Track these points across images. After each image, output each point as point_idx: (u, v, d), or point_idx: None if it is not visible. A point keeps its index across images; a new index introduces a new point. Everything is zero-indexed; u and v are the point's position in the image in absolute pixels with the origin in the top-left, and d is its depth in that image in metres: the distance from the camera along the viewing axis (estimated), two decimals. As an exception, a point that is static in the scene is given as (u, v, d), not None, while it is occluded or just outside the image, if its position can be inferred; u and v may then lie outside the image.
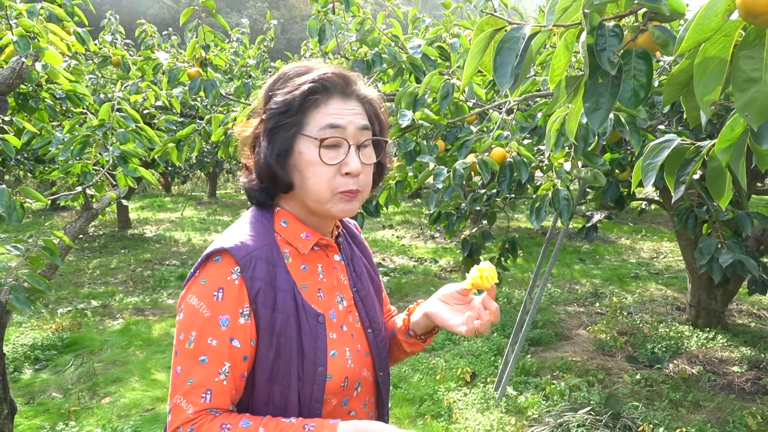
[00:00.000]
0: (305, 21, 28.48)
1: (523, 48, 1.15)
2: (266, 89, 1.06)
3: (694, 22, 0.84)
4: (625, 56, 1.13)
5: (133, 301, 5.95)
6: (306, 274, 1.06)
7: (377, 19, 3.99)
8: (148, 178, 2.51)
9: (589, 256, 7.87)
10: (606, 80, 1.12)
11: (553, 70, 1.18)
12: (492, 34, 1.20)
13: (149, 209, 13.46)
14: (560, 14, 1.13)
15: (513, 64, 1.14)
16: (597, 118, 1.13)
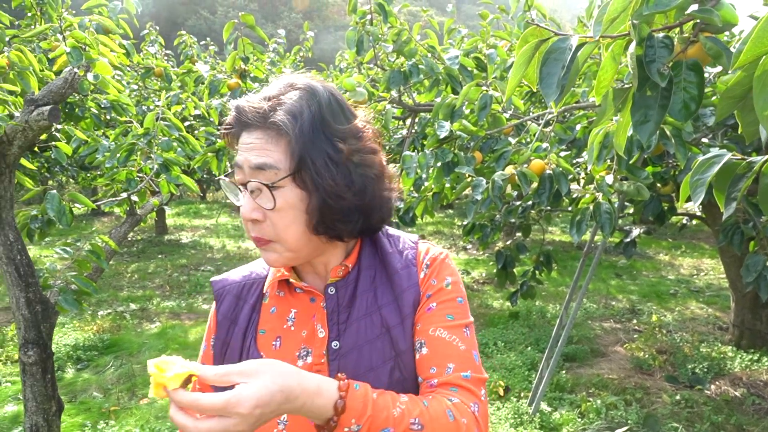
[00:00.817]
0: (338, 32, 28.73)
1: (570, 59, 1.14)
2: None
3: (754, 34, 0.83)
4: (675, 68, 1.11)
5: (169, 305, 6.06)
6: (272, 317, 0.98)
7: (413, 30, 4.01)
8: (190, 185, 2.56)
9: (626, 271, 7.72)
10: (655, 92, 1.11)
11: (599, 82, 1.18)
12: (537, 45, 1.20)
13: (185, 216, 13.71)
14: (607, 25, 1.13)
15: (559, 76, 1.14)
16: (646, 131, 1.12)
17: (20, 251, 2.00)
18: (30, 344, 2.02)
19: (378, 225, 0.98)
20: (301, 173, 0.86)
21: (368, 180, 0.91)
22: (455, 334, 0.91)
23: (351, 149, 0.89)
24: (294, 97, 0.87)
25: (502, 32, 3.79)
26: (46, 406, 2.08)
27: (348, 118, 0.92)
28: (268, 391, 0.70)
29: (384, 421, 0.77)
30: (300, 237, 0.89)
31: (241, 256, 8.79)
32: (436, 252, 1.00)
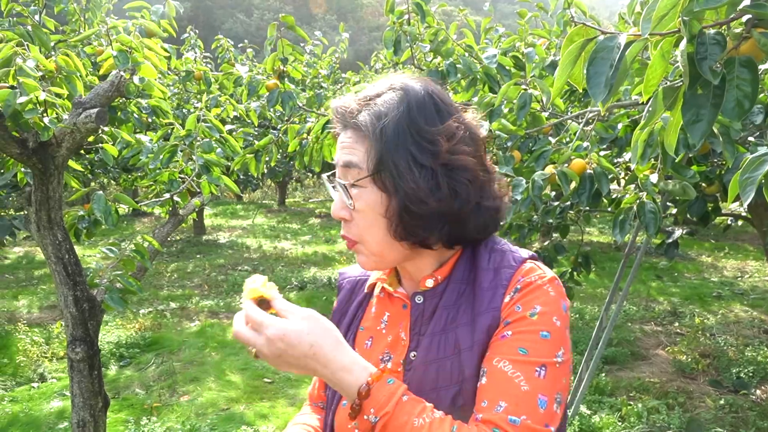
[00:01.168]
0: (373, 32, 28.85)
1: (618, 58, 1.12)
2: None
3: (811, 29, 0.80)
4: (728, 65, 1.09)
5: (208, 305, 6.16)
6: (372, 317, 1.00)
7: (450, 30, 3.99)
8: (231, 186, 2.60)
9: (667, 273, 7.56)
10: (707, 90, 1.08)
11: (648, 81, 1.15)
12: (583, 44, 1.18)
13: (222, 216, 13.92)
14: (657, 22, 1.10)
15: (607, 75, 1.12)
16: (698, 130, 1.09)
17: (68, 250, 2.06)
18: (77, 341, 2.07)
19: (476, 235, 0.91)
20: (381, 174, 0.84)
21: (460, 185, 0.85)
22: (521, 371, 0.80)
23: (440, 151, 0.84)
24: (386, 98, 0.87)
25: (540, 30, 3.75)
26: (92, 402, 2.13)
27: (444, 119, 0.87)
28: (298, 336, 0.77)
29: (401, 425, 0.76)
30: (381, 240, 0.88)
31: (278, 256, 8.89)
32: (535, 276, 0.87)
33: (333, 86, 7.02)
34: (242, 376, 4.31)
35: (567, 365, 0.83)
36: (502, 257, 0.91)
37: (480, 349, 0.84)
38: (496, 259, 0.90)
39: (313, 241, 10.41)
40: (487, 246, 0.93)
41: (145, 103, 3.10)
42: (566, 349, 0.83)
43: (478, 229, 0.90)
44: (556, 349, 0.81)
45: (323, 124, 3.23)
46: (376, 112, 0.85)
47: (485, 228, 0.91)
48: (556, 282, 0.87)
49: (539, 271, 0.89)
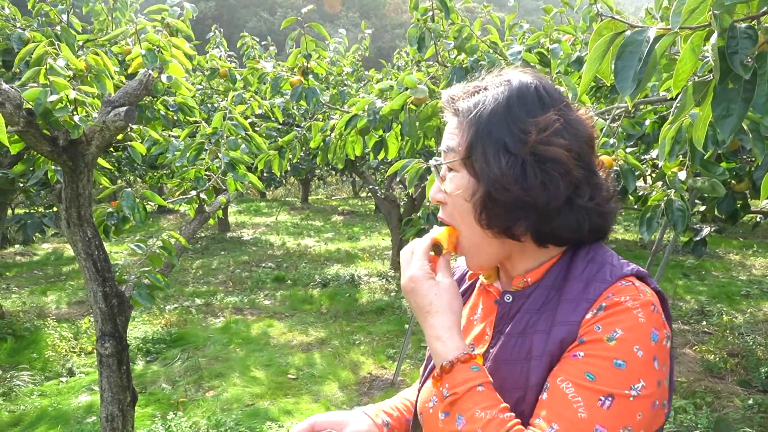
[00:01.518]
0: (396, 30, 28.78)
1: (648, 52, 1.11)
2: None
3: None
4: (759, 59, 1.07)
5: (232, 301, 6.23)
6: (470, 306, 1.03)
7: (474, 26, 3.96)
8: (256, 183, 2.63)
9: (694, 271, 7.44)
10: (737, 85, 1.06)
11: (678, 75, 1.14)
12: (612, 38, 1.17)
13: (246, 213, 14.05)
14: (687, 16, 1.09)
15: (636, 69, 1.11)
16: (728, 125, 1.08)
17: (98, 247, 2.10)
18: (106, 336, 2.11)
19: (568, 234, 0.87)
20: (471, 159, 0.86)
21: (549, 177, 0.83)
22: (582, 397, 0.75)
23: (533, 140, 0.83)
24: (491, 88, 0.89)
25: (566, 26, 3.72)
26: (121, 396, 2.17)
27: (546, 111, 0.86)
28: (427, 290, 0.87)
29: (465, 410, 0.79)
30: (471, 228, 0.89)
31: (300, 253, 8.95)
32: (627, 297, 0.79)
33: (356, 84, 7.04)
34: (266, 372, 4.35)
35: (647, 400, 0.75)
36: (599, 270, 0.85)
37: (549, 361, 0.81)
38: (590, 270, 0.85)
39: (335, 238, 10.45)
40: (588, 254, 0.88)
41: (171, 101, 3.14)
42: (650, 383, 0.75)
43: (568, 228, 0.86)
44: (632, 381, 0.75)
45: (346, 121, 3.24)
46: (476, 100, 0.88)
47: (579, 228, 0.86)
48: (651, 308, 0.79)
49: (635, 293, 0.80)
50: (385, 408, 1.09)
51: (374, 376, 4.29)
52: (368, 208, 15.38)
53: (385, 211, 7.55)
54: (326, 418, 1.02)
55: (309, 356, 4.67)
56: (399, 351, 4.45)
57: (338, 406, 3.81)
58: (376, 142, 3.48)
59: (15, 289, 6.81)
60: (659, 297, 0.83)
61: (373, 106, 3.15)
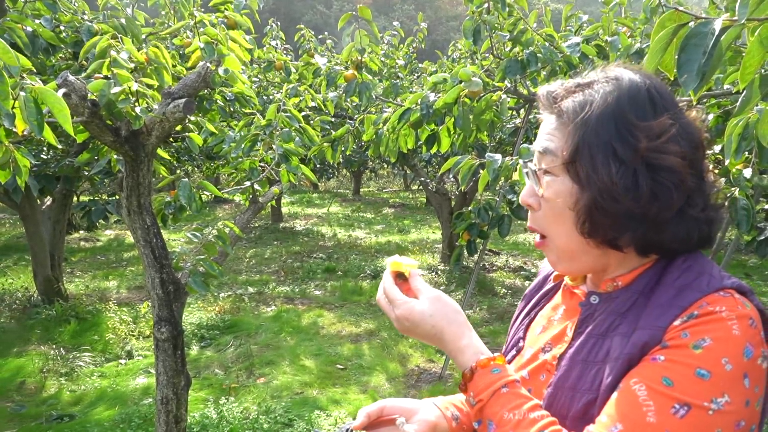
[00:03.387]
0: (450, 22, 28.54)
1: (713, 44, 1.06)
2: None
3: None
4: (835, 51, 1.01)
5: (284, 290, 6.34)
6: (551, 306, 0.98)
7: (530, 18, 3.88)
8: (309, 175, 2.66)
9: (757, 271, 7.13)
10: (811, 78, 1.01)
11: (745, 68, 1.09)
12: (675, 30, 1.12)
13: (299, 204, 14.25)
14: (755, 7, 1.04)
15: (700, 62, 1.06)
16: (798, 119, 1.03)
17: (156, 235, 2.17)
18: (163, 321, 2.18)
19: (675, 245, 0.81)
20: (575, 164, 0.80)
21: (662, 187, 0.77)
22: (655, 402, 0.71)
23: (643, 148, 0.77)
24: (597, 87, 0.83)
25: (624, 18, 3.61)
26: (175, 380, 2.24)
27: (658, 114, 0.80)
28: (422, 317, 0.86)
29: (493, 414, 0.79)
30: (569, 236, 0.83)
31: (351, 245, 9.02)
32: (723, 308, 0.73)
33: (409, 76, 7.02)
34: (316, 361, 4.42)
35: (730, 417, 0.69)
36: (695, 278, 0.78)
37: (626, 364, 0.76)
38: (686, 279, 0.79)
39: (386, 230, 10.48)
40: (685, 262, 0.82)
41: (228, 92, 3.21)
42: (735, 400, 0.69)
43: (678, 239, 0.80)
44: (714, 394, 0.69)
45: (399, 115, 3.24)
46: (582, 100, 0.82)
47: (688, 239, 0.81)
48: (749, 321, 0.73)
49: (734, 303, 0.74)
50: (455, 402, 1.06)
51: (422, 369, 4.30)
52: (419, 201, 15.36)
53: (436, 205, 7.52)
54: (396, 403, 1.01)
55: (358, 347, 4.72)
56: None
57: (385, 398, 3.83)
58: (429, 135, 3.47)
59: (79, 274, 7.12)
60: (762, 316, 0.76)
61: (426, 99, 3.13)
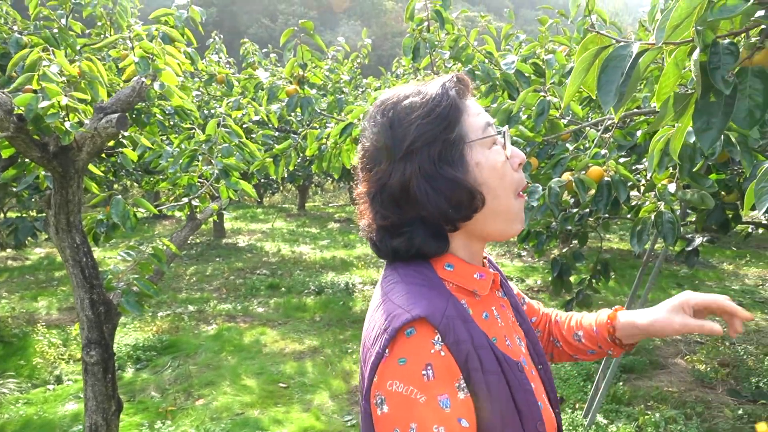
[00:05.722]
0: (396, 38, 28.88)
1: (630, 66, 1.12)
2: (386, 131, 0.88)
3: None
4: (741, 75, 1.08)
5: (225, 308, 6.21)
6: (489, 323, 0.90)
7: (470, 36, 3.98)
8: (249, 191, 2.63)
9: (688, 281, 7.44)
10: (719, 99, 1.08)
11: (661, 88, 1.15)
12: (597, 52, 1.18)
13: (242, 220, 14.03)
14: (671, 31, 1.10)
15: (618, 83, 1.12)
16: (708, 138, 1.09)
17: (86, 254, 2.10)
18: (92, 344, 2.11)
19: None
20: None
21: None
22: None
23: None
24: None
25: (561, 37, 3.75)
26: (105, 405, 2.16)
27: None
28: None
29: None
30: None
31: (296, 260, 8.93)
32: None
33: (354, 91, 7.06)
34: (258, 380, 4.34)
35: None
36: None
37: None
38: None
39: (331, 245, 10.44)
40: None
41: (168, 106, 3.15)
42: None
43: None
44: None
45: (341, 129, 3.25)
46: None
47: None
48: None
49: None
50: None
51: (366, 385, 4.28)
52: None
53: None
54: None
55: (301, 365, 4.66)
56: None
57: (329, 416, 3.80)
58: (371, 150, 3.48)
59: (5, 294, 6.77)
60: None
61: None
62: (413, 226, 0.87)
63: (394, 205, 0.87)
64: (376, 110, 0.92)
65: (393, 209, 0.87)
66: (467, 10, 3.96)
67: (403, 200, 0.86)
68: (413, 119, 0.86)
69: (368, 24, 38.47)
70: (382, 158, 0.87)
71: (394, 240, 0.89)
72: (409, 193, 0.85)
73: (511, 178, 0.91)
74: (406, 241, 0.87)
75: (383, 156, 0.87)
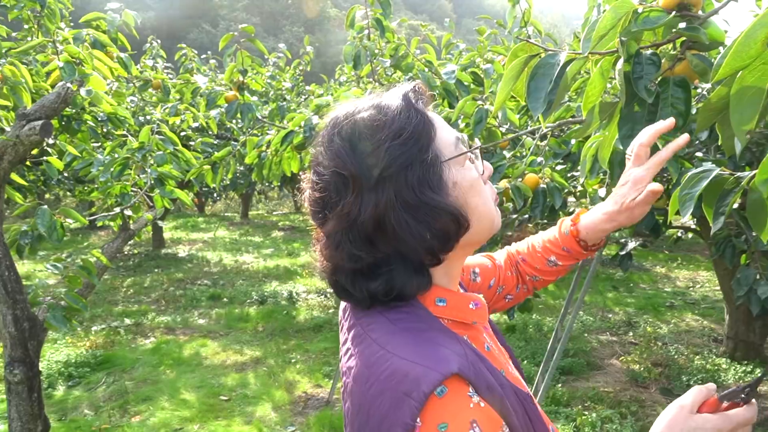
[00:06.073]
0: (340, 45, 28.91)
1: (558, 74, 1.14)
2: (348, 157, 0.75)
3: (733, 48, 0.83)
4: (663, 84, 1.12)
5: (164, 320, 6.02)
6: (493, 355, 0.83)
7: (411, 45, 4.01)
8: (184, 200, 2.56)
9: (623, 283, 7.71)
10: (643, 108, 1.11)
11: (587, 97, 1.18)
12: (526, 60, 1.20)
13: (183, 229, 13.68)
14: (596, 42, 1.13)
15: (546, 90, 1.14)
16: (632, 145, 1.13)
17: (8, 267, 1.99)
18: (16, 362, 2.00)
19: None
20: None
21: None
22: None
23: None
24: None
25: (499, 47, 3.82)
26: (31, 426, 2.05)
27: None
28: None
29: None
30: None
31: (238, 270, 8.77)
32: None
33: (297, 98, 7.01)
34: (198, 394, 4.22)
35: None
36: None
37: None
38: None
39: (275, 254, 10.30)
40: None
41: (101, 113, 3.03)
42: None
43: None
44: None
45: (282, 137, 3.21)
46: None
47: None
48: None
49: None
50: None
51: (309, 395, 4.23)
52: (309, 223, 15.21)
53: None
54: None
55: (243, 376, 4.56)
56: (336, 368, 4.40)
57: (271, 428, 3.72)
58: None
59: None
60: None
61: (309, 122, 3.13)
62: (391, 264, 0.76)
63: (366, 243, 0.75)
64: (330, 132, 0.79)
65: (366, 248, 0.75)
66: (407, 19, 3.99)
67: (378, 236, 0.75)
68: (381, 140, 0.75)
69: (312, 31, 38.36)
70: (346, 190, 0.75)
71: (370, 283, 0.77)
72: (385, 228, 0.74)
73: (487, 192, 0.84)
74: (385, 283, 0.76)
75: (348, 187, 0.75)
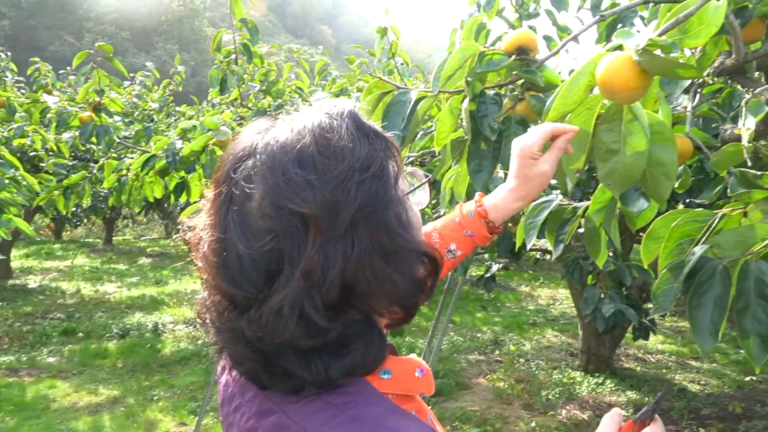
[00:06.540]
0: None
1: (410, 112, 1.18)
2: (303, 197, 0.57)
3: (560, 94, 0.90)
4: (506, 122, 1.19)
5: (6, 361, 5.43)
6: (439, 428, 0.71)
7: (284, 70, 3.99)
8: (24, 230, 2.34)
9: (491, 303, 8.09)
10: (488, 145, 1.17)
11: (439, 134, 1.23)
12: (380, 96, 1.23)
13: (35, 257, 12.52)
14: (445, 81, 1.18)
15: (400, 127, 1.18)
16: (480, 179, 1.18)
17: None
18: None
19: None
20: None
21: None
22: None
23: None
24: None
25: (369, 76, 3.92)
26: None
27: None
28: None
29: None
30: None
31: (98, 301, 8.16)
32: None
33: (166, 119, 6.73)
34: (45, 440, 3.84)
35: None
36: None
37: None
38: None
39: (141, 282, 9.71)
40: None
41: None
42: None
43: None
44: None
45: (143, 162, 3.05)
46: None
47: None
48: None
49: None
50: None
51: (174, 434, 4.00)
52: (181, 249, 14.56)
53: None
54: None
55: (97, 419, 4.20)
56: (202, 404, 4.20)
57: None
58: (178, 183, 3.32)
59: None
60: None
61: (173, 146, 3.01)
62: (360, 333, 0.61)
63: (332, 309, 0.58)
64: (263, 165, 0.59)
65: (332, 316, 0.58)
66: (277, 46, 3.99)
67: (349, 298, 0.59)
68: (346, 174, 0.58)
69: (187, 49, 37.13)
70: (306, 239, 0.57)
71: (333, 363, 0.59)
72: (357, 286, 0.59)
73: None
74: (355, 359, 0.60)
75: (301, 238, 0.57)
